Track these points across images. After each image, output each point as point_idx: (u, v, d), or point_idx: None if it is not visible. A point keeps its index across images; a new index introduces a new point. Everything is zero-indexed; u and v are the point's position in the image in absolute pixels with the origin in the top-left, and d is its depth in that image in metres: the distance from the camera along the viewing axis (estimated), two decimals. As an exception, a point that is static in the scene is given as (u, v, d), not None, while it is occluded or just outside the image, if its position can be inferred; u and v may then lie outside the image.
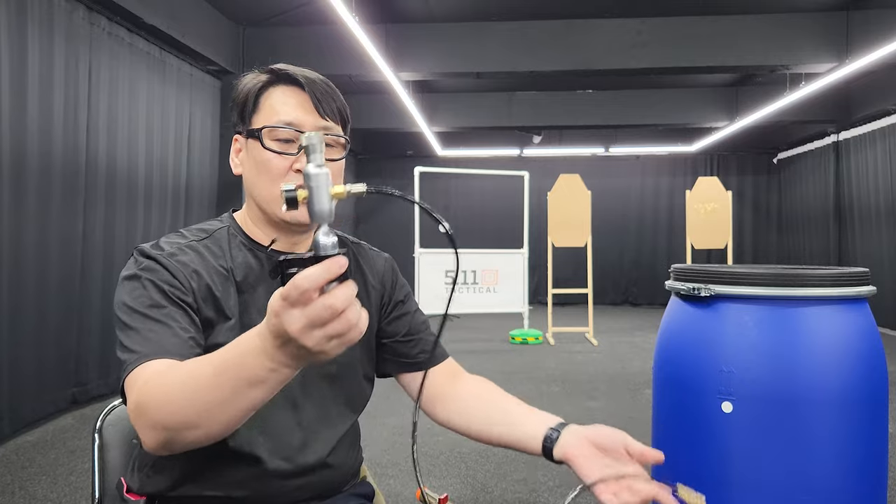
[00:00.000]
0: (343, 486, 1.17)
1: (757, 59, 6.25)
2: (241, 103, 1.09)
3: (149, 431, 0.82)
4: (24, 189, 3.77)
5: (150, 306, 0.96)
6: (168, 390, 0.81)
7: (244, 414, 0.78)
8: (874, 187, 8.35)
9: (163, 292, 0.98)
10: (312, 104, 1.05)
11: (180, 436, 0.80)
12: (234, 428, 0.80)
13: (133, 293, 0.98)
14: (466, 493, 2.91)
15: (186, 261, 1.03)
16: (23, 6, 3.75)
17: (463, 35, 6.49)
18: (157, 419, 0.81)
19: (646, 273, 11.48)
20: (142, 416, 0.83)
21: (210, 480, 1.04)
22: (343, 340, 0.67)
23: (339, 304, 0.65)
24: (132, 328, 0.94)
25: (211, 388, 0.76)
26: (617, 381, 5.18)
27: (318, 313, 0.64)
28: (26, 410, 3.79)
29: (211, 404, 0.77)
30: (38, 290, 3.90)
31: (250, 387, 0.74)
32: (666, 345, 1.77)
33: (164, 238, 1.07)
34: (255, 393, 0.75)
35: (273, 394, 0.76)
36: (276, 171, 1.04)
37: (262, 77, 1.08)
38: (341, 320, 0.65)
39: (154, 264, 1.00)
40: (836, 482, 1.52)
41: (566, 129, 10.58)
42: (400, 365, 1.22)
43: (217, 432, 0.80)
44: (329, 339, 0.66)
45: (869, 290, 1.60)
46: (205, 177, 6.09)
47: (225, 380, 0.75)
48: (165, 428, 0.80)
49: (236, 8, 6.03)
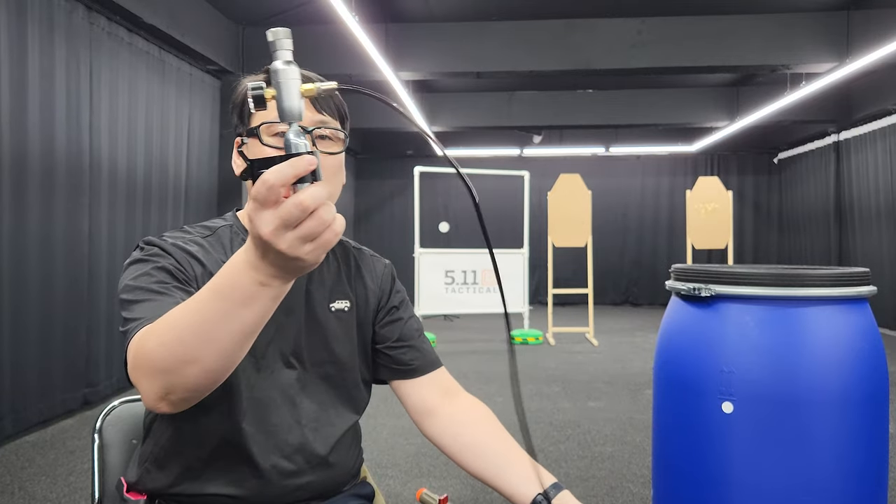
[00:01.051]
0: (343, 485, 1.17)
1: (757, 58, 6.25)
2: (239, 105, 1.10)
3: (147, 381, 0.79)
4: (28, 189, 3.77)
5: (154, 282, 0.95)
6: (163, 327, 0.78)
7: (239, 340, 0.75)
8: (874, 187, 8.35)
9: (168, 272, 0.98)
10: (309, 100, 1.06)
11: (179, 377, 0.76)
12: (231, 361, 0.77)
13: (137, 274, 0.98)
14: (466, 493, 2.91)
15: (192, 251, 1.04)
16: (22, 6, 3.75)
17: (463, 35, 6.49)
18: (152, 362, 0.78)
19: (646, 273, 11.47)
20: (138, 367, 0.81)
21: (210, 478, 1.04)
22: (319, 242, 0.65)
23: (308, 202, 0.62)
24: (135, 301, 0.93)
25: (204, 312, 0.73)
26: (617, 382, 5.18)
27: (289, 211, 0.63)
28: (33, 411, 3.79)
29: (206, 332, 0.73)
30: (45, 290, 3.91)
31: (242, 306, 0.71)
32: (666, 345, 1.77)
33: (168, 233, 1.08)
34: (246, 313, 0.72)
35: (265, 318, 0.74)
36: None
37: (261, 77, 1.09)
38: (314, 219, 0.63)
39: (159, 250, 1.02)
40: (837, 482, 1.52)
41: (566, 129, 10.57)
42: (392, 371, 1.21)
43: (215, 367, 0.76)
44: (303, 240, 0.64)
45: (869, 290, 1.60)
46: (204, 176, 6.09)
47: (218, 303, 0.72)
48: (162, 370, 0.77)
49: (236, 8, 6.03)
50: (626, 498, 2.86)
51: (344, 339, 1.15)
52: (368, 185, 12.00)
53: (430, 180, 10.72)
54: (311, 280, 1.13)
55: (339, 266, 1.19)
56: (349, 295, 1.18)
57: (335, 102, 1.09)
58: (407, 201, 11.17)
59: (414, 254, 7.11)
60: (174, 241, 1.04)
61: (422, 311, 6.97)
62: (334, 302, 1.15)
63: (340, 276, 1.18)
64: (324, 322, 1.13)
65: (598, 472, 3.17)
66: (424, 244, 7.23)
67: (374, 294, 1.21)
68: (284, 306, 1.09)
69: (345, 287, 1.18)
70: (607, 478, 3.09)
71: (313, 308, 1.12)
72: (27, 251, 3.78)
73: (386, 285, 1.24)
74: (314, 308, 1.13)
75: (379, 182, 12.00)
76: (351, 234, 11.68)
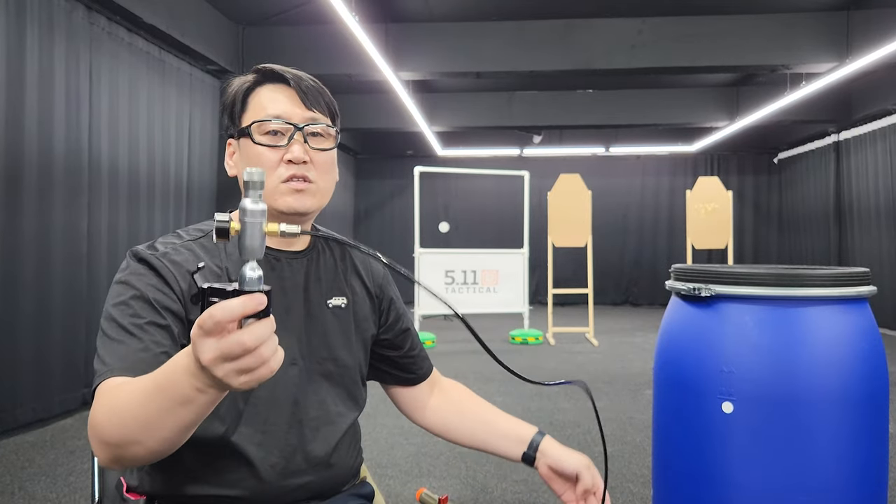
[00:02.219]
0: (343, 485, 1.16)
1: (757, 58, 6.25)
2: (230, 105, 1.11)
3: (97, 447, 0.85)
4: (27, 188, 3.77)
5: (130, 315, 0.96)
6: (113, 406, 0.84)
7: (179, 432, 0.79)
8: (874, 187, 8.35)
9: (146, 301, 0.97)
10: (299, 97, 1.07)
11: (125, 451, 0.82)
12: (173, 445, 0.82)
13: (117, 300, 0.98)
14: (466, 493, 2.91)
15: (180, 260, 1.03)
16: (22, 5, 3.75)
17: (463, 35, 6.48)
18: (103, 435, 0.83)
19: (646, 273, 11.48)
20: (91, 434, 0.86)
21: (211, 479, 1.04)
22: (253, 376, 0.68)
23: (250, 342, 0.65)
24: (109, 337, 0.95)
25: (147, 404, 0.78)
26: (617, 382, 5.18)
27: (230, 347, 0.65)
28: (27, 410, 3.79)
29: (147, 421, 0.78)
30: (44, 290, 3.91)
31: (180, 405, 0.75)
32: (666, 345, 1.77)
33: (161, 238, 1.08)
34: (183, 412, 0.75)
35: (203, 416, 0.77)
36: (269, 163, 1.06)
37: (249, 78, 1.11)
38: (254, 356, 0.66)
39: (145, 268, 1.01)
40: (837, 482, 1.52)
41: (566, 128, 10.57)
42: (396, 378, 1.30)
43: (158, 448, 0.81)
44: (239, 373, 0.67)
45: (869, 290, 1.60)
46: (204, 176, 6.09)
47: (159, 398, 0.76)
48: (110, 444, 0.83)
49: (236, 8, 6.03)
50: (626, 498, 2.86)
51: (342, 335, 1.15)
52: (368, 185, 12.00)
53: (430, 180, 10.72)
54: (308, 278, 1.13)
55: (336, 263, 1.19)
56: (345, 291, 1.18)
57: (325, 100, 1.10)
58: (407, 201, 11.17)
59: (414, 254, 7.11)
60: (163, 251, 1.03)
61: (422, 311, 6.97)
62: (331, 298, 1.15)
63: (337, 273, 1.18)
64: (322, 319, 1.13)
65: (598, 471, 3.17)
66: (424, 244, 7.23)
67: (371, 291, 1.22)
68: (283, 305, 1.09)
69: (341, 283, 1.18)
70: (607, 478, 3.09)
71: (311, 305, 1.12)
72: (26, 251, 3.78)
73: (385, 285, 1.26)
74: (312, 305, 1.12)
75: (379, 182, 12.00)
76: (351, 233, 11.68)
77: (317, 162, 1.08)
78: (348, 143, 10.87)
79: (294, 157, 1.05)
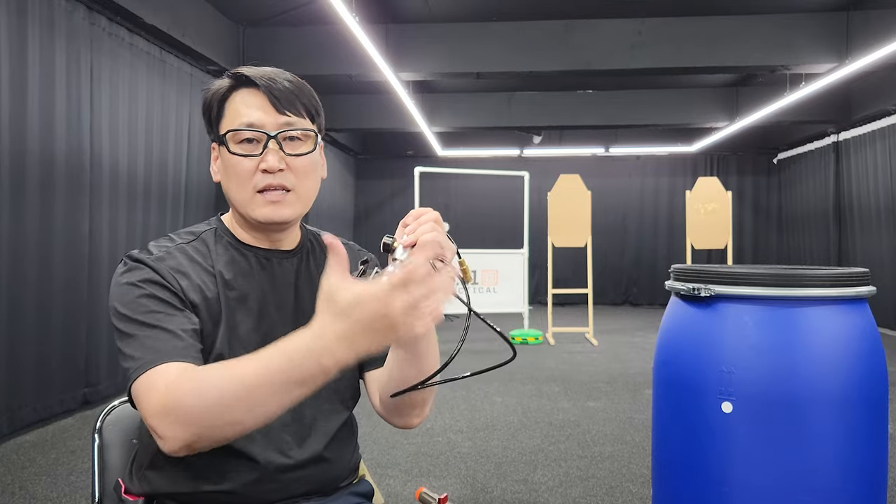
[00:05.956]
0: (341, 480, 1.17)
1: (757, 59, 6.25)
2: (207, 111, 1.11)
3: (178, 429, 0.84)
4: (28, 189, 3.77)
5: (145, 312, 0.97)
6: (205, 389, 0.84)
7: (281, 411, 0.82)
8: (874, 187, 8.35)
9: (156, 298, 0.99)
10: (271, 103, 1.05)
11: (216, 433, 0.84)
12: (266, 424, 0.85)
13: (126, 300, 0.99)
14: (466, 493, 2.91)
15: (174, 265, 1.04)
16: (23, 6, 3.76)
17: (463, 35, 6.49)
18: (192, 417, 0.83)
19: (646, 273, 11.48)
20: (170, 414, 0.85)
21: (207, 477, 1.05)
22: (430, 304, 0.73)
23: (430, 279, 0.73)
24: (131, 336, 0.95)
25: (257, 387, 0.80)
26: (617, 382, 5.18)
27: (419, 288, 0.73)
28: (29, 410, 3.79)
29: (255, 402, 0.81)
30: (44, 290, 3.91)
31: (298, 385, 0.78)
32: (666, 345, 1.77)
33: (153, 242, 1.08)
34: (298, 392, 0.79)
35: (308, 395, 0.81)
36: (244, 172, 1.05)
37: (225, 83, 1.10)
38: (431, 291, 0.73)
39: (145, 269, 1.01)
40: (836, 482, 1.52)
41: (566, 129, 10.58)
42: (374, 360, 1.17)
43: (254, 427, 0.84)
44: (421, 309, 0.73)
45: (869, 290, 1.60)
46: (204, 176, 6.09)
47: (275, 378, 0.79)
48: (202, 425, 0.83)
49: (236, 8, 6.03)
50: (626, 498, 2.86)
51: None
52: (368, 185, 12.00)
53: (430, 180, 10.71)
54: (298, 276, 1.14)
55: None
56: None
57: (302, 101, 1.08)
58: (407, 201, 11.17)
59: (414, 254, 7.10)
60: (158, 255, 1.04)
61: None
62: None
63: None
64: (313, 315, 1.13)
65: (598, 471, 3.17)
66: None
67: None
68: (275, 302, 1.10)
69: None
70: (607, 478, 3.09)
71: (303, 302, 1.13)
72: (27, 251, 3.78)
73: None
74: (303, 302, 1.13)
75: (379, 182, 12.00)
76: (351, 234, 11.68)
77: (295, 167, 1.06)
78: (348, 143, 10.87)
79: (269, 167, 1.04)
